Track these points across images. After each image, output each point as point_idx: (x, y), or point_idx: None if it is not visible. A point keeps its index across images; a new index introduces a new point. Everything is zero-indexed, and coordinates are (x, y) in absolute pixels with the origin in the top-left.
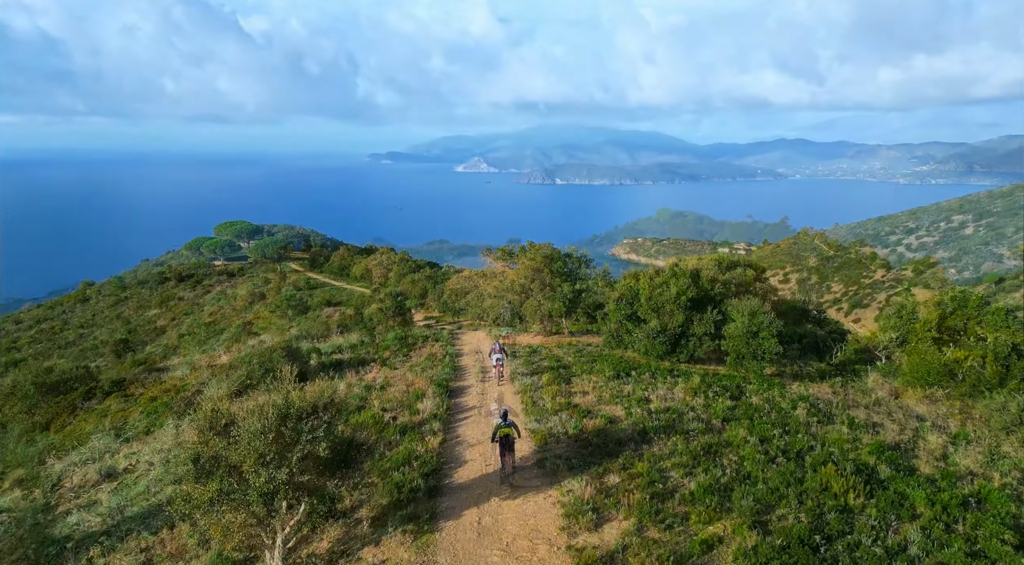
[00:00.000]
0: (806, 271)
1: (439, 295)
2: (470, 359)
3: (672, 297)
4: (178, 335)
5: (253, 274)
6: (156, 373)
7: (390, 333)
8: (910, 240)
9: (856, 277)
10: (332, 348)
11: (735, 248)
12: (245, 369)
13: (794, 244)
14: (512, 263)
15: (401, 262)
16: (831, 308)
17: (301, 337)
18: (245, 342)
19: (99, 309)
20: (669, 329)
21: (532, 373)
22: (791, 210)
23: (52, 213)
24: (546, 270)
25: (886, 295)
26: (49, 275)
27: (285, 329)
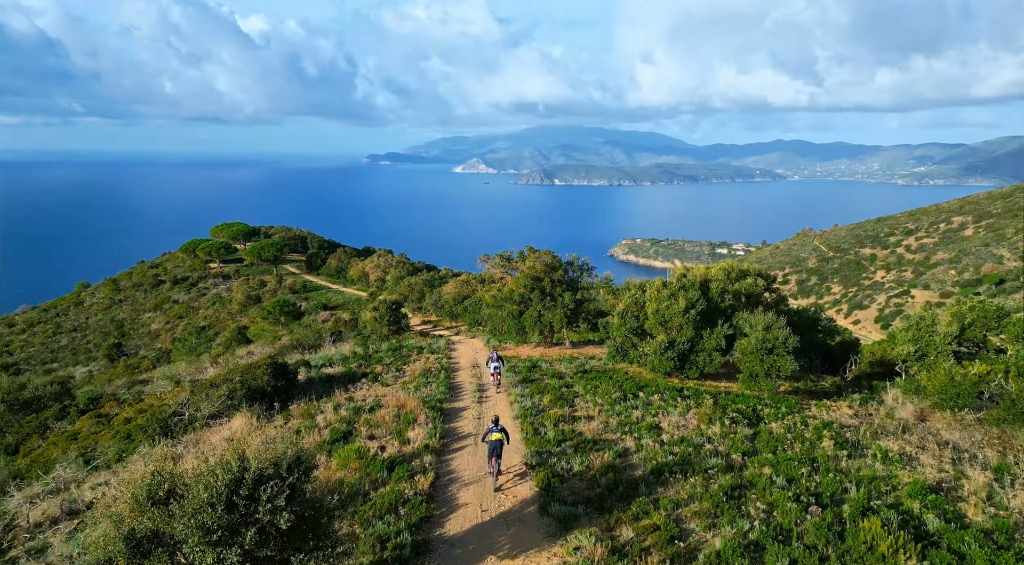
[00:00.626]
0: (805, 272)
1: (436, 299)
2: (466, 374)
3: (681, 310)
4: (171, 339)
5: (249, 277)
6: (139, 386)
7: (384, 344)
8: (909, 241)
9: (855, 278)
10: (323, 360)
11: (734, 249)
12: (226, 388)
13: (793, 245)
14: (511, 269)
15: (398, 264)
16: (831, 309)
17: (292, 347)
18: (235, 351)
19: (93, 312)
20: (678, 344)
21: (532, 393)
22: (789, 211)
23: (50, 214)
24: (546, 279)
25: (886, 296)
26: (46, 276)
27: (278, 337)
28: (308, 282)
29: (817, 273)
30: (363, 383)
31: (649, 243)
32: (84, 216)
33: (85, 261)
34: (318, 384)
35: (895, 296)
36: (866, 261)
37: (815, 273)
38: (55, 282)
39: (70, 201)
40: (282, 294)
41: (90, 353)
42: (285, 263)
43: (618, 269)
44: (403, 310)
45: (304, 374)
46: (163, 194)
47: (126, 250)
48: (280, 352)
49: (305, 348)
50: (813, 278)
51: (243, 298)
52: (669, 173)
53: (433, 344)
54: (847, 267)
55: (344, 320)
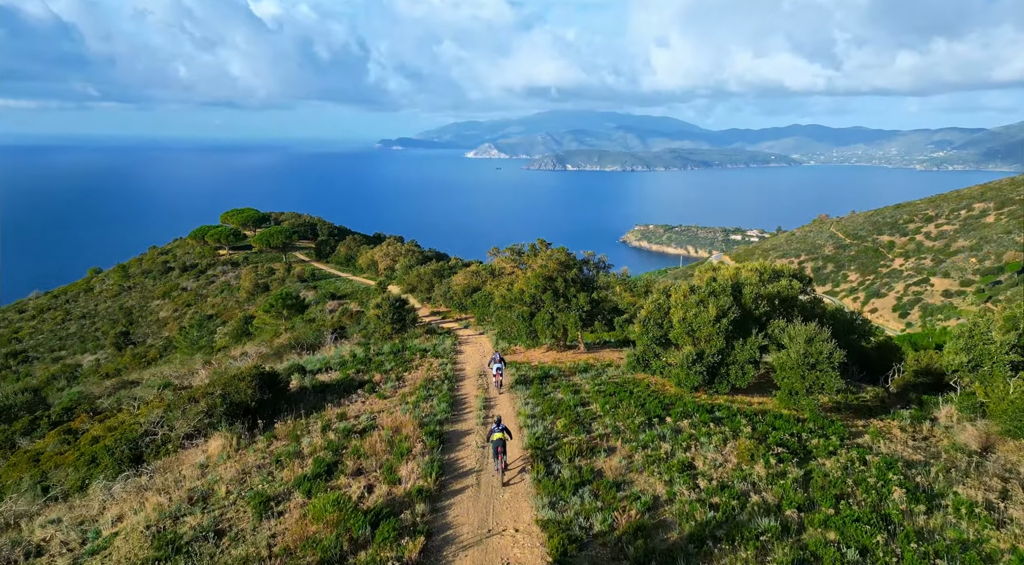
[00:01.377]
0: (821, 259)
1: (446, 290)
2: (471, 385)
3: (711, 319)
4: (178, 327)
5: (258, 264)
6: (127, 388)
7: (386, 344)
8: (929, 228)
9: (873, 266)
10: (320, 364)
11: (748, 235)
12: (205, 403)
13: (809, 232)
14: (521, 263)
15: (408, 253)
16: (847, 297)
17: (290, 347)
18: (231, 351)
19: (102, 299)
20: (707, 356)
21: (544, 414)
22: (805, 197)
23: (66, 199)
24: (559, 279)
25: (904, 285)
26: (60, 261)
27: (278, 333)
28: (317, 270)
29: (833, 260)
30: (359, 395)
31: (662, 229)
32: (99, 201)
33: (99, 246)
34: (311, 394)
35: (914, 284)
36: (884, 248)
37: (831, 260)
38: (70, 267)
39: (86, 186)
40: (290, 282)
41: (98, 341)
42: (294, 250)
43: (630, 255)
44: (411, 301)
45: (297, 381)
46: (177, 179)
47: (139, 235)
48: (277, 352)
49: (304, 348)
50: (829, 265)
51: (251, 286)
52: (683, 158)
53: (438, 345)
54: (864, 254)
55: (351, 311)
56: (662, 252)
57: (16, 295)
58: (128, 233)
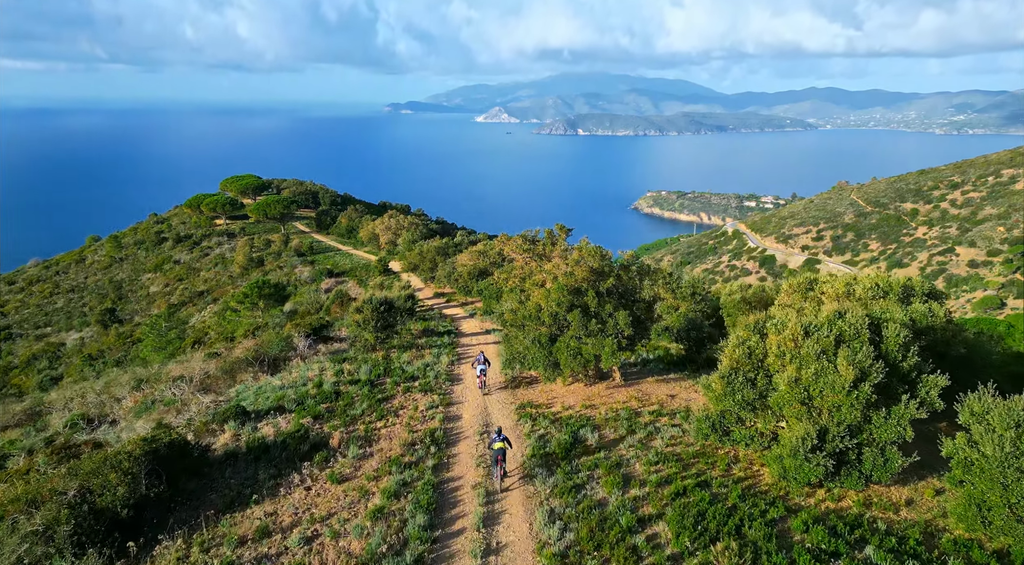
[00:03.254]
0: (840, 228)
1: (450, 271)
2: (468, 455)
3: (845, 385)
4: (167, 304)
5: (254, 236)
6: (32, 420)
7: (363, 366)
8: (955, 195)
9: (895, 235)
10: (271, 400)
11: (762, 201)
12: (44, 518)
13: (828, 199)
14: (536, 254)
15: (411, 226)
16: (867, 267)
17: (246, 363)
18: (178, 361)
19: (92, 271)
20: (832, 437)
21: (582, 551)
22: (822, 162)
23: (72, 163)
24: (591, 293)
25: (928, 254)
26: (63, 228)
27: (249, 330)
28: (316, 243)
29: (853, 229)
30: (305, 475)
31: (675, 196)
32: (105, 165)
33: (103, 212)
34: (241, 464)
35: (938, 254)
36: (907, 216)
37: (851, 229)
38: (72, 233)
39: (92, 150)
40: (286, 256)
41: (85, 317)
42: (294, 220)
43: (642, 223)
44: (413, 281)
45: (230, 433)
46: (184, 143)
47: (144, 200)
48: (231, 369)
49: (265, 364)
50: (849, 234)
51: (244, 261)
52: (696, 122)
53: (430, 368)
54: (886, 223)
55: (344, 296)
56: (674, 219)
57: (17, 262)
58: (134, 198)
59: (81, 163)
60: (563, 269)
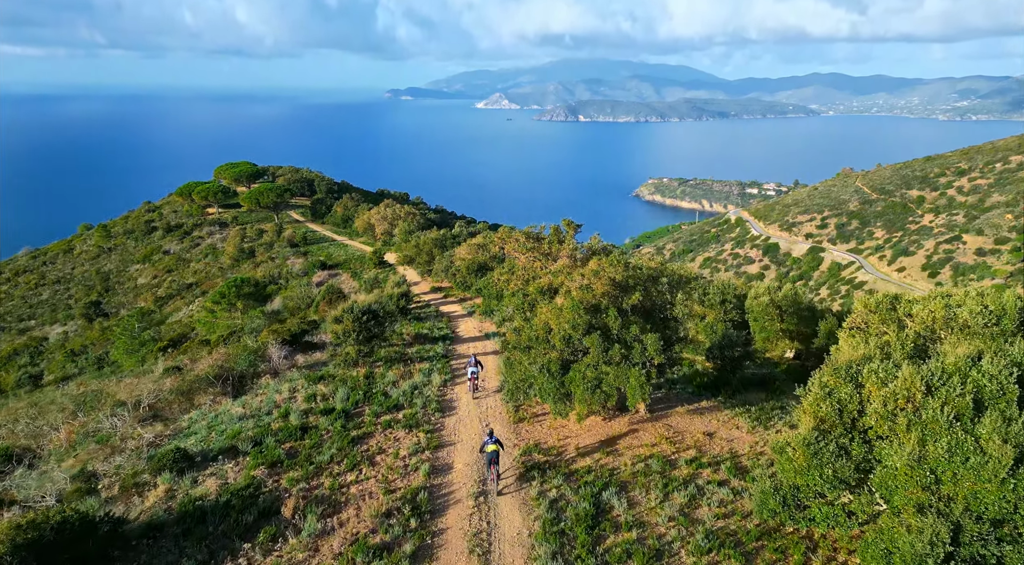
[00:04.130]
0: (845, 215)
1: (448, 265)
2: (463, 516)
3: (999, 472)
4: (153, 297)
5: (247, 225)
6: None
7: (342, 388)
8: (962, 182)
9: (901, 222)
10: (224, 438)
11: (764, 188)
12: None
13: (833, 186)
14: (541, 253)
15: (407, 216)
16: (872, 255)
17: (207, 382)
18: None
19: (80, 261)
20: (970, 537)
21: None
22: (825, 149)
23: (71, 150)
24: (611, 312)
25: (934, 242)
26: (59, 215)
27: (224, 335)
28: (310, 233)
29: (858, 216)
30: (243, 560)
31: (676, 183)
32: (105, 152)
33: (99, 200)
34: (164, 545)
35: (945, 242)
36: (913, 204)
37: (856, 216)
38: (67, 221)
39: (92, 137)
40: (279, 247)
41: (70, 310)
42: (289, 209)
43: (643, 210)
44: (408, 274)
45: (164, 488)
46: (182, 130)
47: (141, 188)
48: (188, 390)
49: (230, 383)
50: (854, 222)
51: (235, 251)
52: (698, 109)
53: (418, 398)
54: (892, 210)
55: (335, 292)
56: (676, 206)
57: (12, 250)
58: (132, 186)
59: (80, 150)
60: (578, 281)
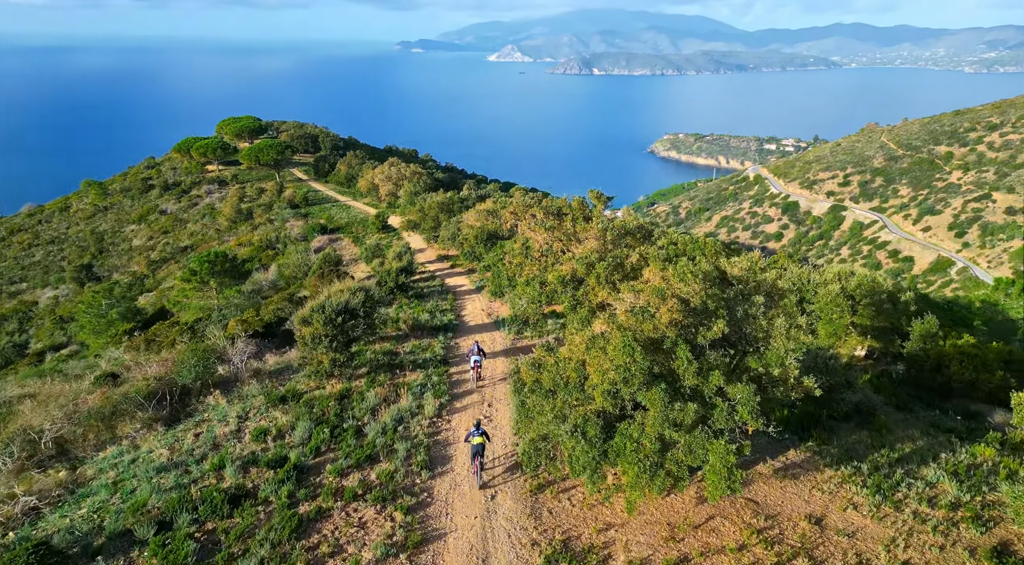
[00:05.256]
0: (869, 173)
1: (454, 232)
2: None
3: None
4: (146, 262)
5: (246, 184)
6: None
7: (304, 418)
8: (993, 138)
9: (927, 180)
10: (128, 507)
11: (783, 144)
12: None
13: (857, 142)
14: (565, 233)
15: (413, 176)
16: (896, 214)
17: (137, 405)
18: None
19: (75, 221)
20: None
21: None
22: (846, 103)
23: (74, 103)
24: (683, 350)
25: (962, 200)
26: (64, 170)
27: (207, 307)
28: (312, 192)
29: (883, 173)
30: None
31: (692, 138)
32: (109, 106)
33: (103, 155)
34: None
35: (973, 200)
36: (941, 160)
37: (880, 173)
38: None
39: (96, 90)
40: (278, 208)
41: (62, 272)
42: (292, 166)
43: (658, 166)
44: (413, 241)
45: None
46: (190, 82)
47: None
48: (113, 413)
49: (169, 403)
50: (878, 179)
51: (232, 212)
52: (716, 61)
53: (401, 441)
54: (918, 167)
55: (334, 259)
56: (692, 163)
57: (13, 207)
58: (140, 141)
59: (87, 104)
60: (628, 299)
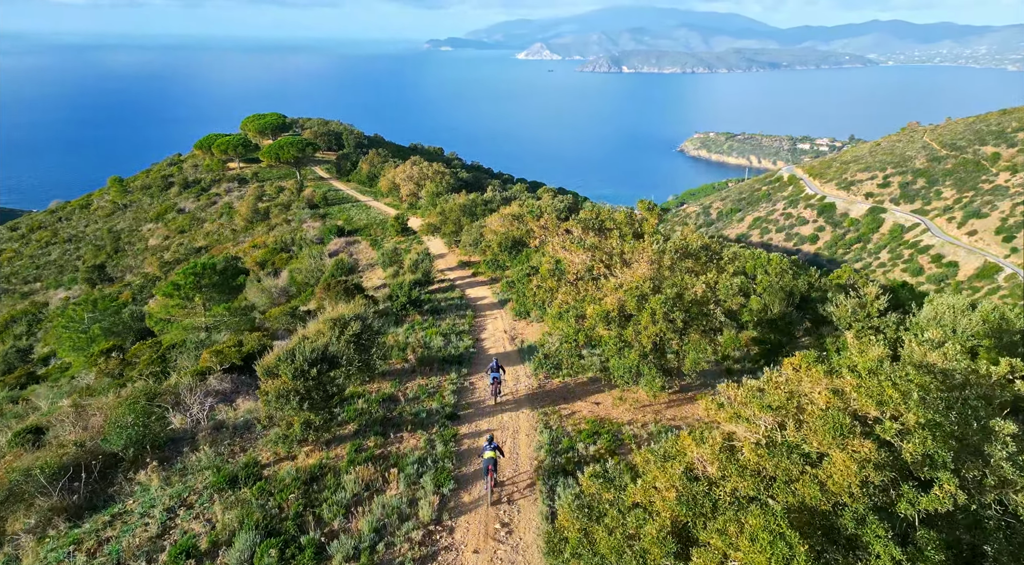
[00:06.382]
0: (911, 174)
1: (477, 238)
2: None
3: None
4: (159, 262)
5: (266, 182)
6: None
7: (242, 536)
8: None
9: (973, 182)
10: None
11: (816, 144)
12: None
13: (897, 142)
14: (602, 255)
15: (436, 176)
16: (939, 217)
17: (40, 488)
18: None
19: (94, 219)
20: None
21: None
22: (883, 102)
23: (112, 100)
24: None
25: (1011, 203)
26: (96, 168)
27: (192, 326)
28: (332, 192)
29: (925, 175)
30: None
31: (723, 137)
32: (148, 104)
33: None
34: None
35: (1022, 203)
36: (987, 161)
37: (922, 175)
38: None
39: (133, 86)
40: (296, 208)
41: (76, 272)
42: (315, 164)
43: (688, 166)
44: (433, 246)
45: None
46: (221, 80)
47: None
48: (8, 499)
49: (84, 485)
50: (920, 180)
51: (248, 212)
52: (748, 59)
53: None
54: (963, 168)
55: (345, 267)
56: (722, 162)
57: (42, 203)
58: (163, 137)
59: (122, 101)
60: (757, 419)
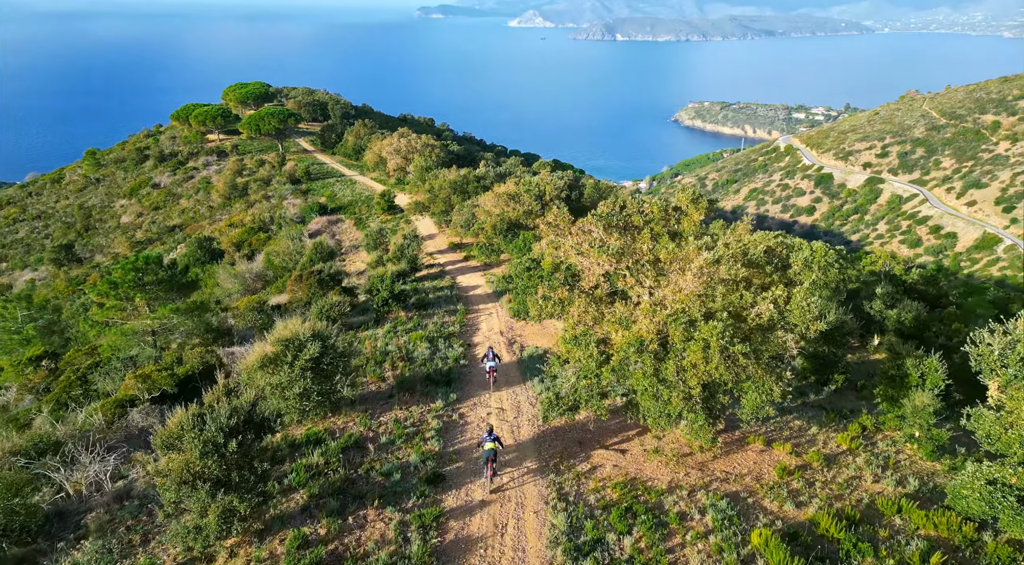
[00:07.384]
0: (910, 143)
1: (469, 218)
2: None
3: None
4: (129, 242)
5: (246, 155)
6: None
7: None
8: None
9: (973, 151)
10: None
11: (812, 113)
12: None
13: (896, 110)
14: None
15: (425, 149)
16: (938, 188)
17: None
18: None
19: (65, 194)
20: None
21: None
22: (880, 69)
23: (92, 69)
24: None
25: (1011, 173)
26: (76, 139)
27: (119, 338)
28: (316, 165)
29: (924, 144)
30: None
31: (718, 107)
32: (132, 73)
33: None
34: None
35: (1023, 173)
36: (987, 130)
37: (922, 144)
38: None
39: (119, 55)
40: (277, 183)
41: (43, 251)
42: (298, 136)
43: (682, 136)
44: (422, 225)
45: None
46: (208, 48)
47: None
48: None
49: None
50: (919, 150)
51: (226, 188)
52: (743, 27)
53: None
54: (963, 137)
55: (326, 251)
56: (717, 132)
57: (19, 175)
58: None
59: (103, 70)
60: None
